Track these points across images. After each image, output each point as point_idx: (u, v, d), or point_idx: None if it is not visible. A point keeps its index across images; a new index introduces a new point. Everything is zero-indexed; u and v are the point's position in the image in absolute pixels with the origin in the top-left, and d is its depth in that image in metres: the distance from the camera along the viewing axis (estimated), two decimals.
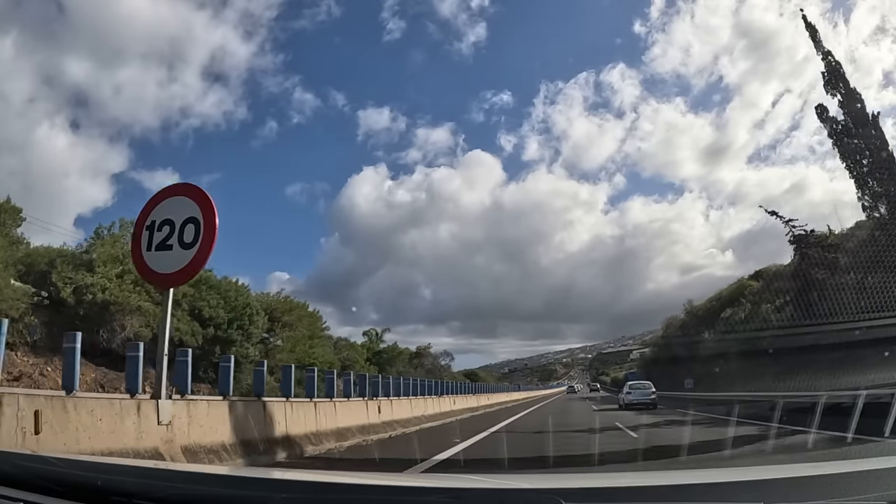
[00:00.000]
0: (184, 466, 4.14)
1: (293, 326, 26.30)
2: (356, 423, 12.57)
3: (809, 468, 1.79)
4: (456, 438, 11.88)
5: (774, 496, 1.37)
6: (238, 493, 1.66)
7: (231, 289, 21.78)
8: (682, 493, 1.47)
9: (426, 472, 6.94)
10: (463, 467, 7.97)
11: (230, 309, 20.90)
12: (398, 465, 8.03)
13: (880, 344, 18.79)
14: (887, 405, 8.32)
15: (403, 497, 1.62)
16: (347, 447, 10.84)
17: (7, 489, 1.67)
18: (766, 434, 10.74)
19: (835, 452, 7.94)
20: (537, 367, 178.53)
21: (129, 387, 6.89)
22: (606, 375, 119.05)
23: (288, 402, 10.30)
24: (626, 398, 26.51)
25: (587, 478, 2.60)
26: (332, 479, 2.13)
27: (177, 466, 3.72)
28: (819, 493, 1.36)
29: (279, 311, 26.36)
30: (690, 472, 4.42)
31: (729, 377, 27.47)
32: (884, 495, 1.32)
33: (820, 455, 8.12)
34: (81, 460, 2.17)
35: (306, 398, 11.67)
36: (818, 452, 8.34)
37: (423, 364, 45.47)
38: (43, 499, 1.61)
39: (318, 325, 29.50)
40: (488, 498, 1.65)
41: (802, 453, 8.43)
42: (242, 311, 21.03)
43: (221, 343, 20.25)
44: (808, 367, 20.24)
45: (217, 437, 7.52)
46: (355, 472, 5.81)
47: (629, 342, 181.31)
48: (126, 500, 1.56)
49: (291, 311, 26.62)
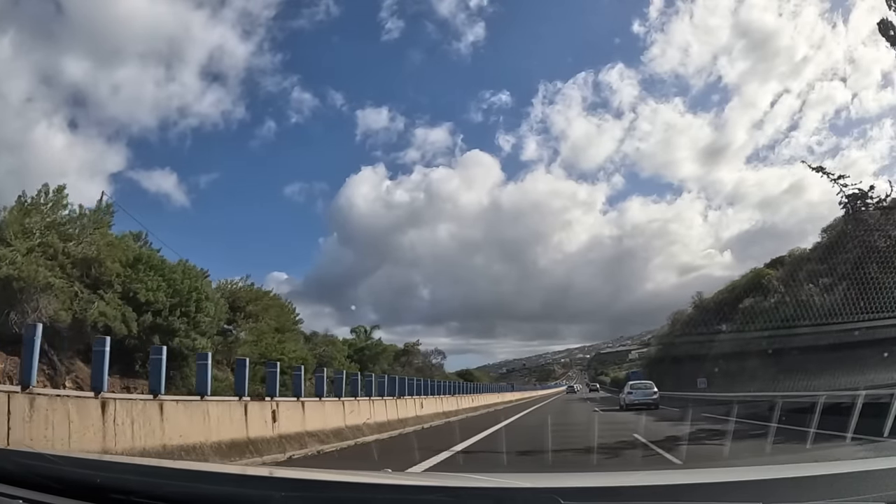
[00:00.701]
0: (183, 464, 4.10)
1: (258, 317, 23.09)
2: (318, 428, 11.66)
3: (809, 468, 1.75)
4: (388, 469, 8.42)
5: (774, 496, 1.38)
6: (237, 491, 1.65)
7: (177, 271, 18.57)
8: (681, 493, 1.47)
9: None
10: (462, 466, 7.75)
11: (173, 293, 17.70)
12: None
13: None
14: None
15: (402, 495, 1.62)
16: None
17: (6, 486, 1.67)
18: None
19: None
20: (535, 368, 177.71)
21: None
22: (606, 375, 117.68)
23: (240, 402, 9.46)
24: (627, 398, 25.84)
25: (586, 477, 2.53)
26: (331, 477, 2.12)
27: (176, 464, 3.64)
28: (818, 493, 1.35)
29: (242, 300, 23.18)
30: (690, 472, 4.50)
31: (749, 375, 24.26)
32: (883, 496, 1.31)
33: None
34: (80, 458, 2.25)
35: (267, 397, 10.83)
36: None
37: (412, 363, 42.27)
38: (42, 496, 1.61)
39: (288, 318, 26.36)
40: (486, 497, 1.65)
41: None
42: (188, 297, 17.83)
43: (162, 332, 17.13)
44: (863, 361, 16.83)
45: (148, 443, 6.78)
46: (354, 470, 5.18)
47: (628, 342, 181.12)
48: (125, 497, 1.57)
49: (257, 301, 23.43)
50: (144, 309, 17.18)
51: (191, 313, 17.91)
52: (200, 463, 5.69)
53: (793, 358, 21.15)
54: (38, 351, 6.28)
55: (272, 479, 2.10)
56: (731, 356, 28.59)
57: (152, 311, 17.27)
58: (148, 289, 17.24)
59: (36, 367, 6.00)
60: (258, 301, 23.50)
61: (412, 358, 43.48)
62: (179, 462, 5.36)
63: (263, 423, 10.12)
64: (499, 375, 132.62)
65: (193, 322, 17.97)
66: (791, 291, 24.34)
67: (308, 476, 2.20)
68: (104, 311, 15.88)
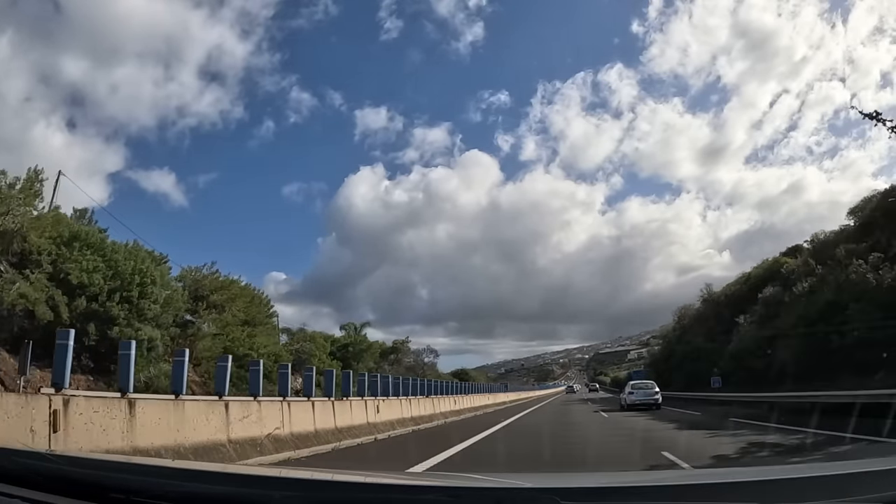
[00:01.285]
0: (182, 464, 4.04)
1: (223, 308, 20.48)
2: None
3: (808, 469, 1.75)
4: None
5: (773, 497, 1.37)
6: (236, 491, 1.63)
7: (120, 251, 15.97)
8: (680, 493, 1.46)
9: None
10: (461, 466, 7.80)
11: (113, 276, 15.12)
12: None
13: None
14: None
15: (401, 495, 1.60)
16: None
17: (5, 486, 1.66)
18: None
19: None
20: (534, 368, 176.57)
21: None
22: (606, 375, 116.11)
23: (178, 402, 8.55)
24: (628, 399, 25.23)
25: (585, 477, 2.59)
26: (330, 477, 2.08)
27: (175, 464, 3.61)
28: (818, 493, 1.35)
29: (206, 289, 20.59)
30: (689, 472, 4.96)
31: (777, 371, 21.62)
32: (883, 496, 1.30)
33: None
34: (80, 457, 2.20)
35: (215, 396, 10.03)
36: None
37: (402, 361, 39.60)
38: (41, 495, 1.60)
39: (260, 309, 23.76)
40: (486, 496, 1.63)
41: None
42: (130, 280, 15.22)
43: (98, 320, 14.70)
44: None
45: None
46: (353, 470, 4.68)
47: (626, 342, 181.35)
48: (125, 496, 1.55)
49: (222, 290, 20.81)
50: (78, 293, 14.68)
51: (133, 299, 15.34)
52: (200, 462, 5.69)
53: (842, 349, 18.04)
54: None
55: (272, 478, 2.09)
56: (750, 352, 26.04)
57: (87, 296, 14.74)
58: (82, 269, 14.71)
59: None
60: (224, 290, 20.90)
61: (402, 356, 40.99)
62: (179, 461, 5.27)
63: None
64: (497, 376, 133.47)
65: (137, 309, 15.39)
66: (832, 273, 21.02)
67: (308, 476, 2.22)
68: (25, 293, 13.34)
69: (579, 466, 8.95)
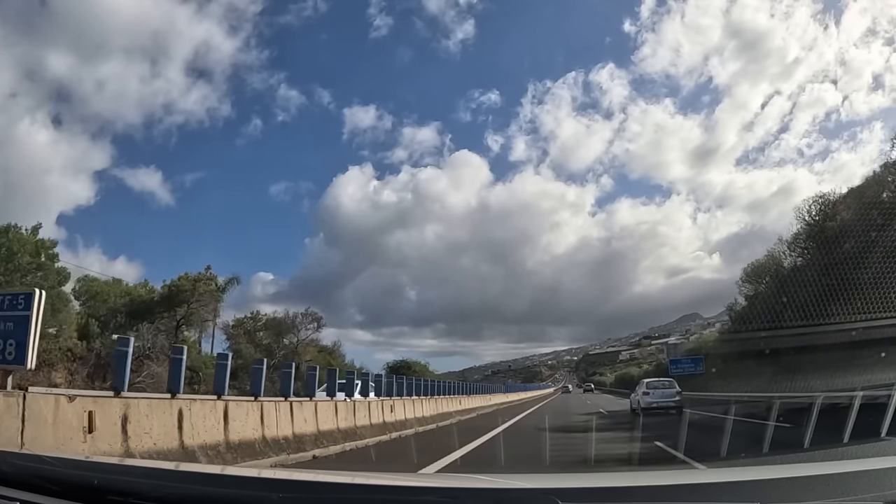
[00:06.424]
0: (180, 466, 3.99)
1: None
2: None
3: (807, 468, 1.73)
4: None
5: (772, 496, 1.36)
6: (234, 493, 1.64)
7: None
8: (680, 493, 1.44)
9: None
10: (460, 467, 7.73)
11: None
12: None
13: None
14: None
15: (400, 496, 1.59)
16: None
17: (3, 489, 1.65)
18: None
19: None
20: (521, 369, 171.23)
21: None
22: (601, 375, 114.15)
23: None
24: (643, 400, 21.77)
25: (584, 478, 2.54)
26: (329, 478, 2.09)
27: (173, 466, 3.50)
28: (816, 493, 1.34)
29: None
30: (688, 472, 4.83)
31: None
32: (881, 495, 1.30)
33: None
34: (78, 459, 2.15)
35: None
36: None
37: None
38: (39, 498, 1.59)
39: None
40: (485, 497, 1.63)
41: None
42: None
43: None
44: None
45: None
46: (352, 471, 4.92)
47: (616, 343, 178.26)
48: (122, 499, 1.55)
49: None
50: None
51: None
52: (198, 465, 5.75)
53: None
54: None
55: (270, 480, 2.12)
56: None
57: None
58: None
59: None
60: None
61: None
62: (177, 464, 5.13)
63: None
64: (483, 377, 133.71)
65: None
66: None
67: (306, 477, 2.24)
68: None
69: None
